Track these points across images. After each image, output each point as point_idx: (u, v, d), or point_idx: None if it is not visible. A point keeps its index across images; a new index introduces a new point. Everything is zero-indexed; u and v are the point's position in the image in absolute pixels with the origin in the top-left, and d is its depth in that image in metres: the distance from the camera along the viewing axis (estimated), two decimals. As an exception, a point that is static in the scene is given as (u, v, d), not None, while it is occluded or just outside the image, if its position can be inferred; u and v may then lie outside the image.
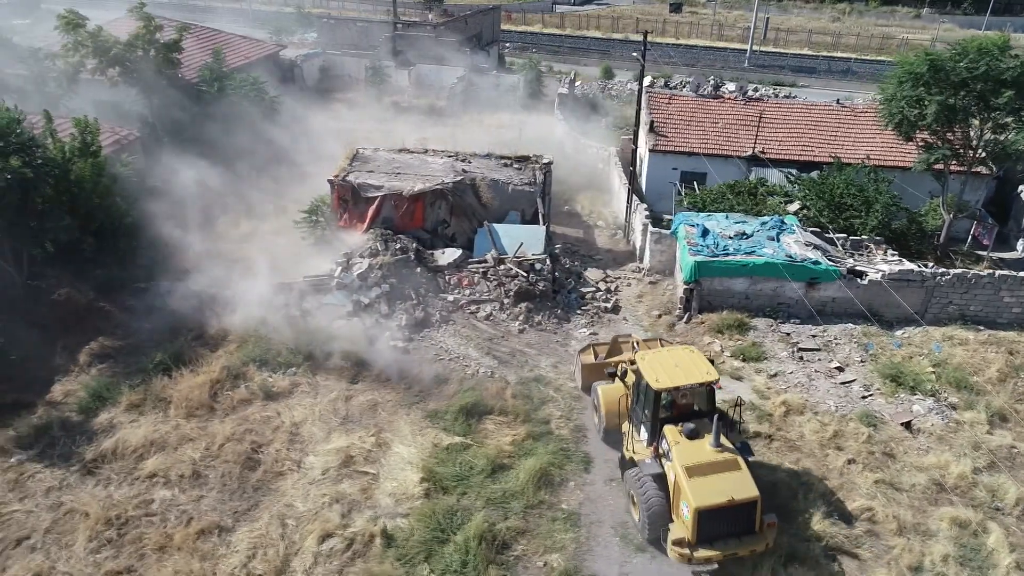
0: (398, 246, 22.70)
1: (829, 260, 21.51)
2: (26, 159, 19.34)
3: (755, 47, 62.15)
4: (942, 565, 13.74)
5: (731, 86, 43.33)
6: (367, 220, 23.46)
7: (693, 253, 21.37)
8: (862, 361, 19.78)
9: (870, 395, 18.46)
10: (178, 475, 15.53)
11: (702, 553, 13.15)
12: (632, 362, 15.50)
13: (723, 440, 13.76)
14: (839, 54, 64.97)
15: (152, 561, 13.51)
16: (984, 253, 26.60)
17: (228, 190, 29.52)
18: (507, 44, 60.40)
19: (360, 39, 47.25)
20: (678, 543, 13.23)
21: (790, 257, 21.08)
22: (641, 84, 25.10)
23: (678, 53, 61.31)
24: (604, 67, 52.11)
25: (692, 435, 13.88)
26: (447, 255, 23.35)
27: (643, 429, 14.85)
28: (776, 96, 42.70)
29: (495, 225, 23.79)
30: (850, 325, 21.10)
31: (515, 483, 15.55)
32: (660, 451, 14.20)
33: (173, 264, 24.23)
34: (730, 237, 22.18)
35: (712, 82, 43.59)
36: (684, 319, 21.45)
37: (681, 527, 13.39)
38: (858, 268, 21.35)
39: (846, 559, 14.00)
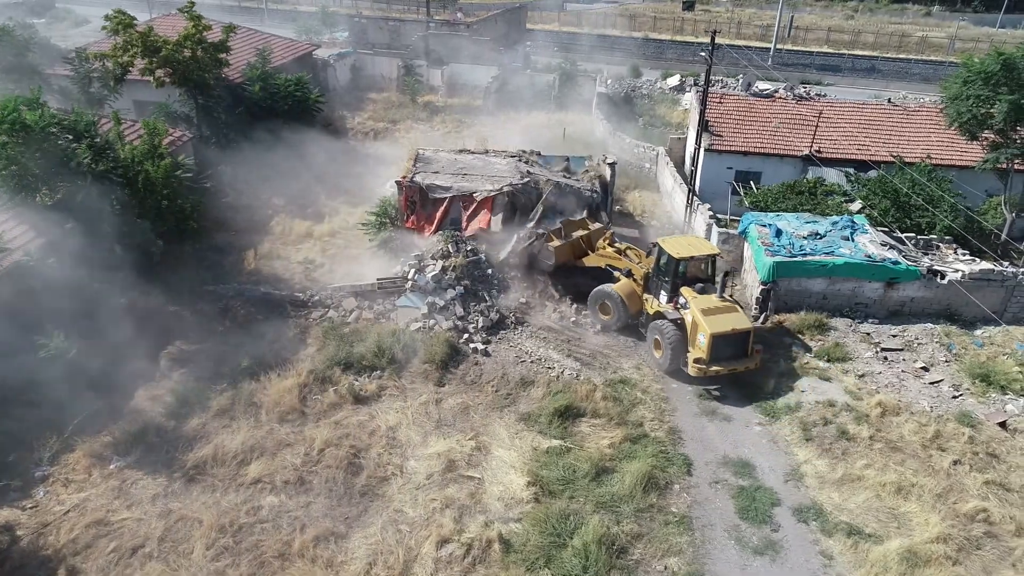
0: (469, 247, 22.53)
1: (906, 260, 21.44)
2: (103, 162, 19.17)
3: (777, 45, 62.06)
4: (1068, 566, 13.69)
5: (761, 84, 43.34)
6: (436, 221, 23.31)
7: (770, 253, 21.28)
8: (946, 361, 19.73)
9: (960, 395, 18.41)
10: (283, 481, 15.37)
11: (713, 368, 18.33)
12: (638, 258, 21.45)
13: (724, 293, 19.27)
14: (860, 52, 64.95)
15: (275, 569, 13.35)
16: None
17: (278, 191, 29.40)
18: (529, 43, 60.18)
19: (392, 38, 46.99)
20: (698, 361, 18.45)
21: (869, 257, 21.01)
22: (707, 84, 25.00)
23: (699, 51, 61.05)
24: (631, 66, 51.95)
25: (701, 292, 19.22)
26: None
27: (662, 293, 19.88)
28: (809, 95, 42.61)
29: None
30: (929, 325, 21.06)
31: (621, 486, 15.44)
32: (678, 305, 19.30)
33: (238, 266, 24.13)
34: (804, 237, 22.10)
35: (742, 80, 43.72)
36: (761, 319, 21.35)
37: (698, 351, 18.53)
38: (937, 268, 21.28)
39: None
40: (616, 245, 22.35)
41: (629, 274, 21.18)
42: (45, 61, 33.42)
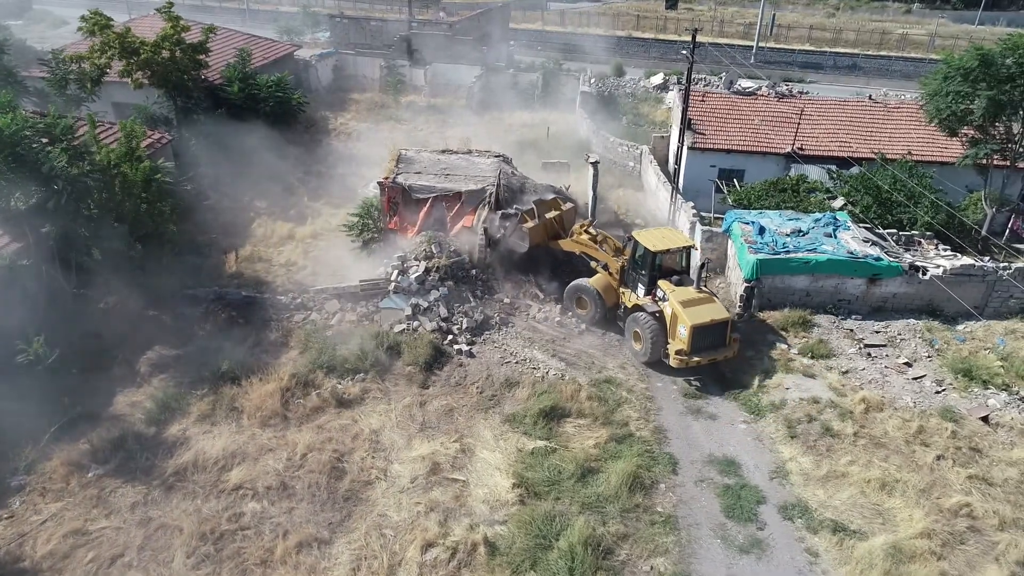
0: (452, 248, 22.39)
1: (888, 256, 21.54)
2: (81, 165, 18.83)
3: (759, 43, 62.29)
4: (1050, 560, 13.76)
5: (744, 82, 43.47)
6: (419, 222, 23.13)
7: (753, 251, 21.31)
8: (929, 356, 19.83)
9: (943, 390, 18.49)
10: (264, 487, 15.18)
11: (694, 359, 18.53)
12: (617, 251, 21.51)
13: (701, 285, 19.35)
14: (842, 50, 65.40)
15: (257, 576, 13.18)
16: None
17: (259, 192, 29.10)
18: (512, 42, 60.06)
19: (374, 38, 46.71)
20: (679, 353, 18.62)
21: (851, 254, 21.09)
22: (688, 82, 25.00)
23: (681, 49, 61.15)
24: (615, 65, 51.92)
25: (678, 284, 19.37)
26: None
27: (640, 286, 19.94)
28: (791, 93, 42.76)
29: None
30: (912, 320, 21.16)
31: (607, 487, 15.38)
32: (656, 298, 19.39)
33: (219, 269, 23.84)
34: (787, 234, 22.15)
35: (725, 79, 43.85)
36: (745, 317, 21.37)
37: (679, 343, 18.68)
38: (918, 264, 21.40)
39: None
40: (591, 232, 22.31)
41: (605, 267, 21.28)
42: (21, 63, 32.93)
